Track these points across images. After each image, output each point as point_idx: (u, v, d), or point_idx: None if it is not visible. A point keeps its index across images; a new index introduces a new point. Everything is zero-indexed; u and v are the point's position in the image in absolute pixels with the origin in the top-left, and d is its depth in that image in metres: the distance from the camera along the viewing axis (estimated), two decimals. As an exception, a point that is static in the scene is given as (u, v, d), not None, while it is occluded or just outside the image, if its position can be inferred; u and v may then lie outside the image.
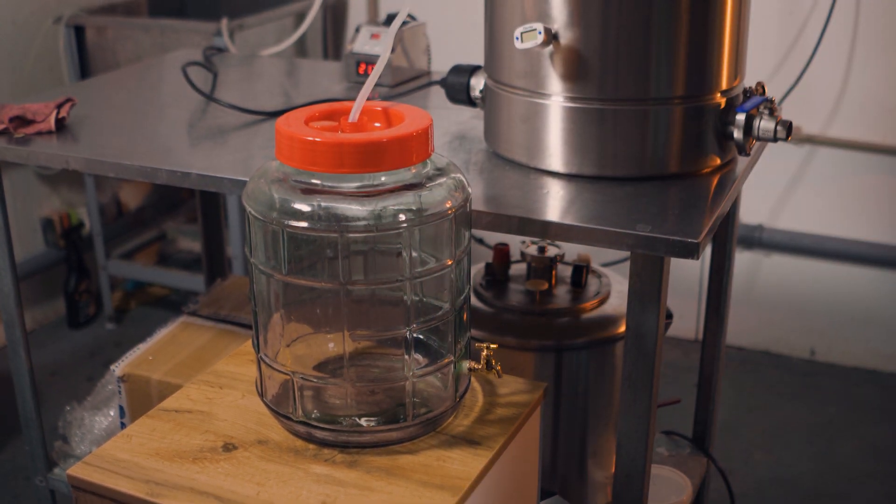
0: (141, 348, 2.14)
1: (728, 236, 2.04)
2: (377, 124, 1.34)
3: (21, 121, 1.89)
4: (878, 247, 3.22)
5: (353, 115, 1.32)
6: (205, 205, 2.64)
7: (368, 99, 1.34)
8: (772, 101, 1.63)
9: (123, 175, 1.77)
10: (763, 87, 1.68)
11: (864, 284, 3.29)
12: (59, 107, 1.92)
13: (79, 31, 3.44)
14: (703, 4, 1.54)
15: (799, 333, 3.42)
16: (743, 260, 3.38)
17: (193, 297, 2.38)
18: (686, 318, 3.48)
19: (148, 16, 3.72)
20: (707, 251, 2.28)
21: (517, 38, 1.52)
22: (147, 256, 3.94)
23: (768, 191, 3.31)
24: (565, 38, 1.52)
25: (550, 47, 1.53)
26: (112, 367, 2.11)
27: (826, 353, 3.40)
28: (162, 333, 2.20)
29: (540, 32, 1.50)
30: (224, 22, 3.04)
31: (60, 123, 1.91)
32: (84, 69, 3.45)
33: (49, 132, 1.89)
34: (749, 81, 1.70)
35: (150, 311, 3.78)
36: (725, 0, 1.56)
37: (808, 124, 3.20)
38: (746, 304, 3.42)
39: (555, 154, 1.59)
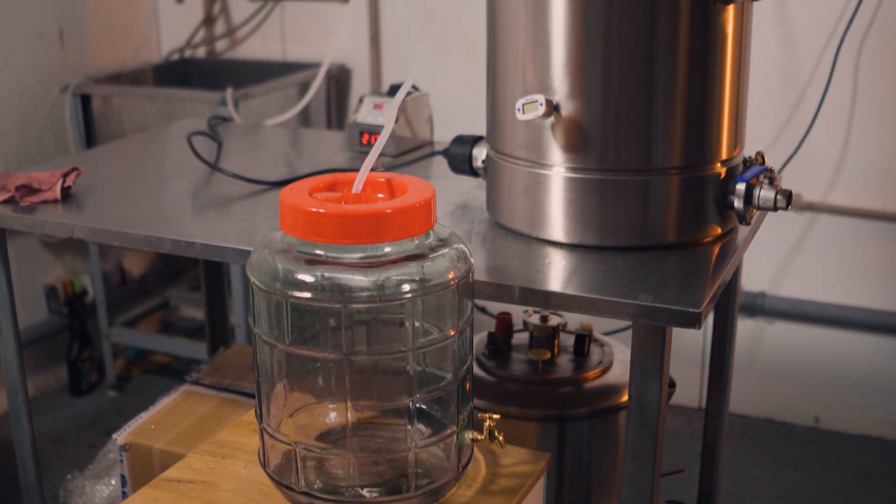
0: (143, 417, 2.14)
1: (730, 304, 2.04)
2: (380, 195, 1.35)
3: (27, 189, 1.90)
4: (881, 314, 3.22)
5: (357, 187, 1.33)
6: (208, 273, 2.65)
7: (372, 170, 1.35)
8: (771, 171, 1.64)
9: (128, 244, 1.78)
10: (763, 157, 1.70)
11: (868, 351, 3.28)
12: (65, 176, 1.94)
13: (85, 100, 3.47)
14: (703, 76, 1.56)
15: (802, 401, 3.41)
16: (745, 328, 3.38)
17: (196, 366, 2.38)
18: (689, 386, 3.47)
19: (153, 85, 3.76)
20: (709, 319, 2.27)
21: (519, 110, 1.53)
22: (150, 324, 3.94)
23: (770, 258, 3.32)
24: (566, 109, 1.54)
25: (552, 118, 1.55)
26: (114, 435, 2.11)
27: (830, 420, 3.38)
28: (164, 402, 2.19)
29: (541, 104, 1.52)
30: (229, 91, 3.07)
31: (66, 192, 1.93)
32: (90, 137, 3.48)
33: (55, 201, 1.90)
34: (749, 150, 1.71)
35: (153, 380, 3.77)
36: (725, 71, 1.58)
37: (809, 192, 3.22)
38: (749, 371, 3.42)
39: (556, 224, 1.60)
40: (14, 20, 3.39)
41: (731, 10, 1.56)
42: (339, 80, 3.70)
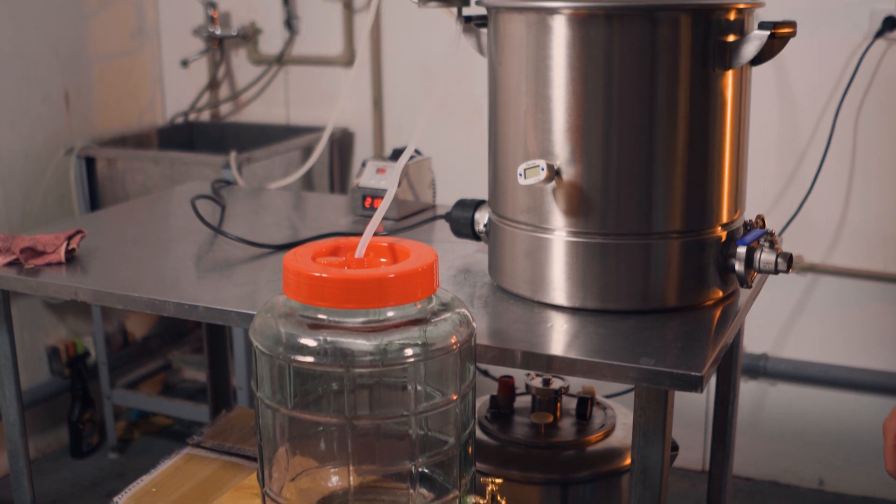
0: (144, 480, 2.13)
1: (732, 366, 2.04)
2: (383, 260, 1.36)
3: (31, 252, 1.91)
4: (884, 374, 3.21)
5: (360, 251, 1.34)
6: (210, 335, 2.65)
7: (374, 234, 1.36)
8: (772, 234, 1.65)
9: (131, 307, 1.78)
10: (763, 220, 1.71)
11: (871, 413, 3.27)
12: (70, 238, 1.95)
13: (89, 163, 3.50)
14: (703, 140, 1.57)
15: (807, 463, 3.39)
16: (748, 389, 3.37)
17: (198, 429, 2.37)
18: (692, 448, 3.46)
19: (158, 148, 3.79)
20: (712, 381, 2.27)
21: (520, 175, 1.55)
22: (152, 386, 3.93)
23: (772, 320, 3.32)
24: (567, 174, 1.56)
25: (553, 183, 1.56)
26: (115, 498, 2.10)
27: (835, 482, 3.37)
28: (166, 465, 2.18)
29: (543, 169, 1.53)
30: (233, 155, 3.09)
31: (70, 255, 1.94)
32: (94, 200, 3.50)
33: (59, 263, 1.91)
34: (751, 212, 1.72)
35: (154, 442, 3.75)
36: (725, 135, 1.60)
37: (810, 253, 3.23)
38: (753, 433, 3.40)
39: (558, 288, 1.60)
40: (21, 83, 3.43)
41: (730, 76, 1.58)
42: (342, 143, 3.73)
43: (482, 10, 1.71)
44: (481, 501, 1.39)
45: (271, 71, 3.86)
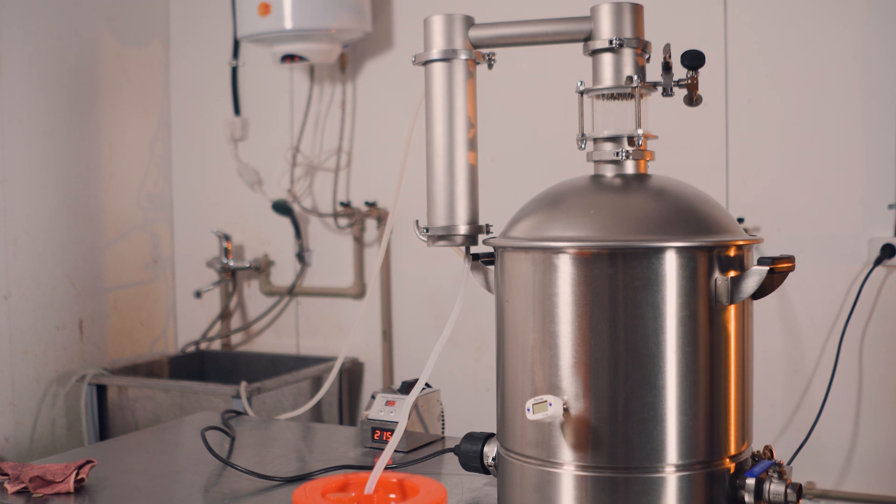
0: None
1: None
2: (392, 496, 1.37)
3: (41, 481, 1.92)
4: None
5: (369, 488, 1.35)
6: (216, 568, 2.61)
7: (384, 468, 1.37)
8: (780, 465, 1.66)
9: (138, 542, 1.78)
10: (771, 451, 1.72)
11: None
12: (79, 468, 1.96)
13: (100, 390, 3.52)
14: (708, 373, 1.59)
15: None
16: None
17: None
18: None
19: (169, 376, 3.82)
20: None
21: (528, 410, 1.57)
22: None
23: (788, 551, 3.26)
24: (575, 408, 1.57)
25: (561, 418, 1.58)
26: None
27: None
28: None
29: (550, 404, 1.55)
30: (243, 385, 3.11)
31: (79, 485, 1.95)
32: (103, 427, 3.51)
33: (67, 493, 1.92)
34: (761, 439, 1.73)
35: None
36: (730, 368, 1.62)
37: (822, 480, 3.20)
38: None
39: (568, 523, 1.60)
40: (36, 311, 3.49)
41: (732, 310, 1.61)
42: (352, 373, 3.76)
43: (489, 249, 1.76)
44: None
45: (283, 302, 3.93)
